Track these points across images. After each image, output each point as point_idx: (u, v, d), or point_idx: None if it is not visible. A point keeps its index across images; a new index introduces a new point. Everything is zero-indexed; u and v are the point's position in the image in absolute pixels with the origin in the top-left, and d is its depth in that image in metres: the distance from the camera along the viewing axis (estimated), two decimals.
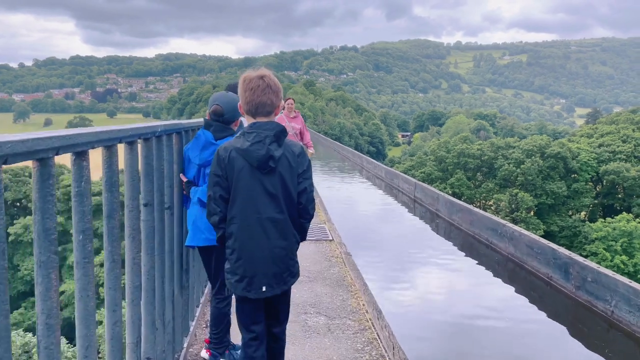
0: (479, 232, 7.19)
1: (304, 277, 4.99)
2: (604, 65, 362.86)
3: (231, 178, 2.24)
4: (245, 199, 2.23)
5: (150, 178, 2.28)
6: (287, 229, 2.30)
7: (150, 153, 2.28)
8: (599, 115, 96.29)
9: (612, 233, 38.34)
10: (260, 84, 2.27)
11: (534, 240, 5.61)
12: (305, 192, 2.34)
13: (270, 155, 2.19)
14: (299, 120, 8.56)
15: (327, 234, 7.16)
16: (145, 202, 2.24)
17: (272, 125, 2.26)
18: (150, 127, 2.21)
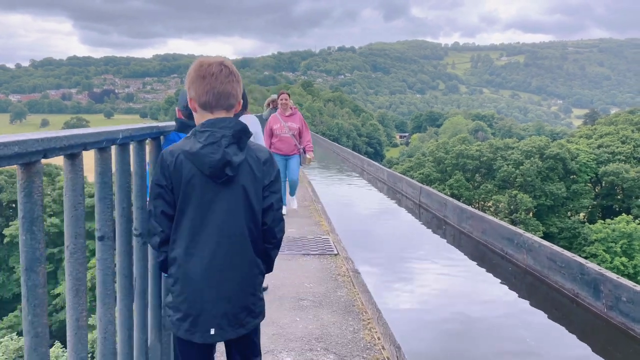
0: (492, 242, 6.82)
1: (309, 302, 4.43)
2: (601, 66, 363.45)
3: (177, 189, 1.77)
4: (193, 217, 1.76)
5: (107, 202, 1.63)
6: (246, 256, 1.82)
7: (106, 167, 1.62)
8: (596, 116, 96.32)
9: (611, 234, 38.24)
10: (222, 70, 1.82)
11: (556, 253, 5.24)
12: (272, 209, 1.88)
13: (227, 161, 1.72)
14: (296, 118, 7.58)
15: (332, 247, 6.36)
16: (101, 234, 1.61)
17: (230, 123, 1.77)
18: (107, 132, 1.58)
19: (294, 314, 4.05)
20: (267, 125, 7.54)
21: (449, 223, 8.52)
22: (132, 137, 1.85)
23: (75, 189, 1.41)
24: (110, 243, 1.64)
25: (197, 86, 1.81)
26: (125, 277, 1.81)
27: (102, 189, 1.61)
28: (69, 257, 1.40)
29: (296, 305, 4.25)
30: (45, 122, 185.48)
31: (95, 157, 1.59)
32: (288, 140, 7.45)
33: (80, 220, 1.41)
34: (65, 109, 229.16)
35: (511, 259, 6.29)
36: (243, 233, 1.80)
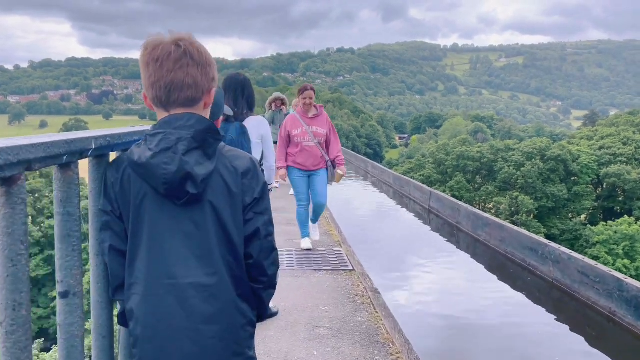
0: (512, 252, 6.40)
1: (325, 329, 3.82)
2: (600, 67, 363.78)
3: (127, 215, 1.32)
4: (149, 252, 1.31)
5: (71, 240, 1.19)
6: (226, 302, 1.34)
7: (71, 190, 1.18)
8: (595, 118, 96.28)
9: (613, 236, 38.18)
10: (172, 51, 1.31)
11: (589, 266, 4.82)
12: (258, 236, 1.39)
13: (186, 173, 1.25)
14: (323, 120, 5.81)
15: (346, 262, 5.69)
16: (65, 288, 1.17)
17: (190, 120, 1.30)
18: (75, 139, 1.13)
19: (310, 345, 3.54)
20: (283, 129, 5.82)
21: (463, 230, 8.10)
22: (114, 146, 1.39)
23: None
24: (77, 301, 1.17)
25: (143, 77, 1.36)
26: (103, 338, 1.37)
27: (65, 223, 1.16)
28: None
29: (312, 335, 3.73)
30: (44, 123, 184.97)
31: (54, 175, 1.15)
32: (313, 150, 5.70)
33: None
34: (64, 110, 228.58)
35: (535, 271, 5.88)
36: (219, 271, 1.32)
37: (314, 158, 5.72)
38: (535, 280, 5.85)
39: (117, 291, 1.38)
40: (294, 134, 5.71)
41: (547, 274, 5.65)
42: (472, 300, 5.62)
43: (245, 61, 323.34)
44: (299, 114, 5.79)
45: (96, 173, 1.33)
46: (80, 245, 1.19)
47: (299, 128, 5.71)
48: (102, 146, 1.24)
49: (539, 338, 4.75)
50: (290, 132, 5.73)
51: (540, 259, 5.77)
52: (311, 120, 5.73)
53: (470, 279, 6.36)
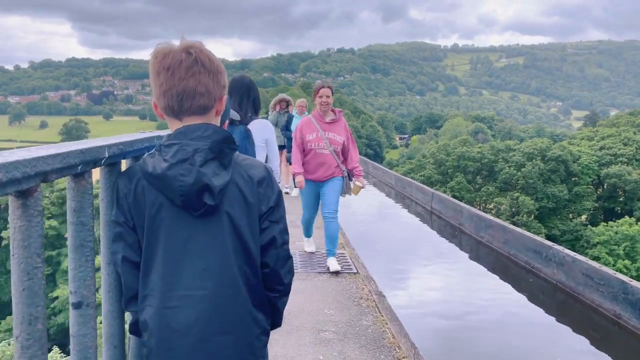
0: (515, 254, 6.38)
1: (331, 333, 3.77)
2: (600, 67, 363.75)
3: (141, 227, 1.31)
4: (164, 264, 1.29)
5: (84, 250, 1.16)
6: (242, 311, 1.34)
7: (84, 200, 1.15)
8: (596, 118, 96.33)
9: (614, 237, 38.17)
10: (183, 59, 1.29)
11: (593, 269, 4.81)
12: (274, 245, 1.40)
13: (204, 185, 1.24)
14: (341, 127, 5.22)
15: (350, 264, 5.59)
16: (78, 299, 1.14)
17: (207, 131, 1.28)
18: (89, 148, 1.11)
19: (316, 350, 3.51)
20: (298, 133, 5.21)
21: (465, 232, 8.09)
22: (129, 153, 1.38)
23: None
24: (91, 312, 1.16)
25: (154, 86, 1.34)
26: (115, 348, 1.35)
27: (78, 233, 1.14)
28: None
29: (317, 339, 3.69)
30: (45, 123, 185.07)
31: (68, 185, 1.14)
32: (326, 159, 5.11)
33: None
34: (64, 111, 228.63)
35: (539, 274, 5.86)
36: (235, 281, 1.31)
37: (326, 167, 5.11)
38: (539, 282, 5.84)
39: (130, 302, 1.36)
40: (308, 139, 5.12)
41: (551, 276, 5.63)
42: (474, 303, 5.61)
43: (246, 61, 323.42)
44: (315, 117, 5.15)
45: (108, 181, 1.32)
46: (93, 255, 1.17)
47: (313, 133, 5.11)
48: (115, 154, 1.23)
49: (543, 340, 4.74)
50: (305, 136, 5.14)
51: (544, 261, 5.75)
52: (328, 125, 5.11)
53: (473, 281, 6.34)
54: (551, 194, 45.01)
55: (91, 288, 1.16)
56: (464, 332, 5.01)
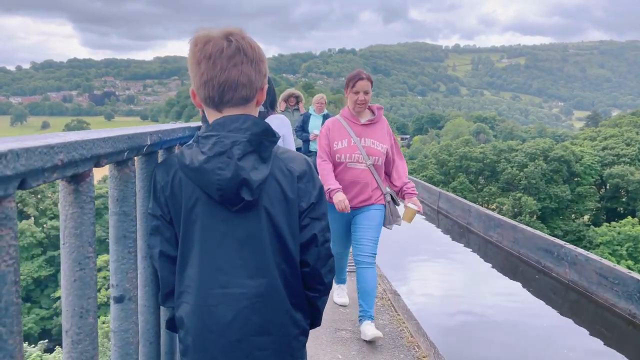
0: (526, 253, 6.33)
1: (348, 332, 3.70)
2: (602, 68, 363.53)
3: (178, 220, 1.25)
4: (200, 260, 1.23)
5: (127, 241, 1.10)
6: (280, 311, 1.28)
7: (127, 189, 1.10)
8: (598, 118, 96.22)
9: (617, 237, 38.03)
10: (225, 49, 1.21)
11: (607, 268, 4.76)
12: (315, 243, 1.32)
13: (242, 179, 1.18)
14: (382, 130, 3.67)
15: None
16: (120, 292, 1.09)
17: (245, 122, 1.22)
18: (134, 134, 1.06)
19: (334, 349, 3.46)
20: (322, 138, 3.69)
21: (474, 231, 8.03)
22: (170, 142, 1.34)
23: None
24: (133, 306, 1.10)
25: (193, 75, 1.26)
26: (150, 345, 1.30)
27: (120, 224, 1.08)
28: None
29: (335, 338, 3.64)
30: (46, 124, 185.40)
31: (110, 173, 1.08)
32: (364, 176, 3.57)
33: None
34: (66, 111, 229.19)
35: (550, 273, 5.80)
36: (273, 280, 1.26)
37: (361, 188, 3.55)
38: (551, 282, 5.78)
39: (167, 298, 1.31)
40: (337, 148, 3.59)
41: (563, 276, 5.57)
42: (485, 302, 5.55)
43: None
44: (345, 117, 3.65)
45: (145, 171, 1.27)
46: (136, 247, 1.11)
47: (343, 140, 3.59)
48: (155, 143, 1.17)
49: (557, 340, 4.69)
50: (333, 143, 3.61)
51: (555, 261, 5.69)
52: (364, 129, 3.58)
53: (482, 281, 6.29)
54: (554, 194, 44.95)
55: (134, 281, 1.10)
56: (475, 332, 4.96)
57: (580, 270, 5.21)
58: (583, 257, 5.21)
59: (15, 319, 0.63)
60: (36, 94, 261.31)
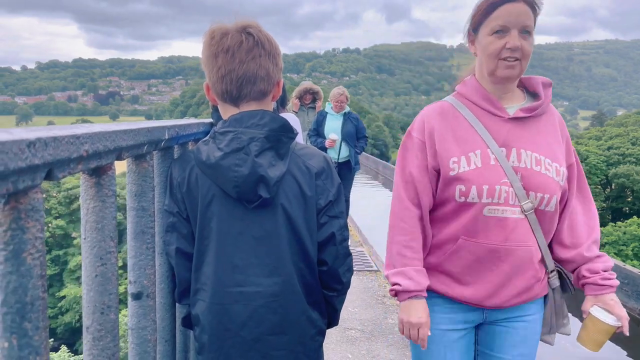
0: None
1: (357, 332, 3.65)
2: (608, 67, 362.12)
3: (194, 216, 1.22)
4: (216, 257, 1.21)
5: (145, 237, 1.07)
6: (297, 310, 1.25)
7: (145, 184, 1.07)
8: (603, 118, 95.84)
9: (622, 237, 37.79)
10: (243, 42, 1.19)
11: (617, 267, 4.73)
12: (333, 242, 1.28)
13: (259, 176, 1.15)
14: (553, 127, 1.55)
15: (370, 262, 5.47)
16: (139, 289, 1.06)
17: (263, 118, 1.19)
18: (154, 127, 1.03)
19: (344, 348, 3.43)
20: (407, 151, 1.56)
21: None
22: (185, 137, 1.31)
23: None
24: (151, 303, 1.08)
25: (209, 69, 1.23)
26: (166, 342, 1.27)
27: (139, 219, 1.06)
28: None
29: (344, 337, 3.61)
30: (51, 124, 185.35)
31: (128, 167, 1.06)
32: (520, 239, 1.43)
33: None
34: (71, 111, 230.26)
35: None
36: (289, 278, 1.23)
37: (515, 270, 1.46)
38: None
39: (184, 296, 1.29)
40: (459, 171, 1.46)
41: None
42: None
43: None
44: (470, 100, 1.55)
45: (162, 166, 1.25)
46: (154, 243, 1.09)
47: (474, 150, 1.48)
48: (172, 137, 1.15)
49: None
50: (442, 160, 1.49)
51: None
52: (518, 126, 1.50)
53: None
54: None
55: (152, 278, 1.08)
56: None
57: None
58: None
59: (42, 314, 0.62)
60: (41, 93, 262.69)
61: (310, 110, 6.22)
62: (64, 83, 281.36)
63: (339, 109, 5.71)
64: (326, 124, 5.68)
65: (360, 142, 5.73)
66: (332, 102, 5.73)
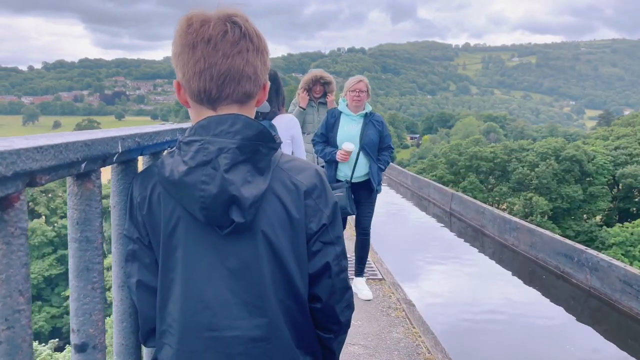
0: (544, 258, 6.06)
1: (360, 347, 3.41)
2: (615, 66, 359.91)
3: (157, 244, 1.02)
4: (185, 293, 0.99)
5: (90, 275, 0.89)
6: (281, 358, 1.03)
7: (90, 209, 0.89)
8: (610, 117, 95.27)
9: (630, 238, 37.46)
10: (227, 32, 0.99)
11: (632, 275, 4.49)
12: (328, 274, 1.07)
13: (231, 196, 0.94)
14: None
15: (375, 270, 5.18)
16: (82, 340, 0.86)
17: (235, 125, 0.97)
18: (96, 139, 0.84)
19: None
20: None
21: (488, 234, 7.75)
22: (138, 149, 1.11)
23: None
24: (99, 356, 0.88)
25: (184, 62, 1.01)
26: None
27: (82, 253, 0.85)
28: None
29: (346, 353, 3.38)
30: (58, 123, 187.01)
31: (69, 189, 0.85)
32: None
33: None
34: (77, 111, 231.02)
35: (570, 279, 5.54)
36: (274, 320, 1.01)
37: None
38: (570, 289, 5.53)
39: (149, 337, 1.07)
40: None
41: (584, 282, 5.32)
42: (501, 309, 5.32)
43: None
44: None
45: (121, 184, 1.04)
46: (102, 281, 0.88)
47: None
48: (131, 149, 0.95)
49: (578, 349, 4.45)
50: None
51: (575, 266, 5.43)
52: None
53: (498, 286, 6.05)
54: (565, 194, 44.40)
55: (100, 325, 0.88)
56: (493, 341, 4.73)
57: (602, 276, 4.95)
58: (605, 263, 4.95)
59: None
60: (48, 93, 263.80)
61: (321, 106, 5.01)
62: (70, 83, 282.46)
63: (356, 107, 4.21)
64: (339, 127, 4.21)
65: (383, 155, 4.28)
66: (347, 96, 4.23)
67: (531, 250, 6.44)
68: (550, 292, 5.67)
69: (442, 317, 5.16)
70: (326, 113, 4.39)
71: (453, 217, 9.47)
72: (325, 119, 4.27)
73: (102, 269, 0.90)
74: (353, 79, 4.32)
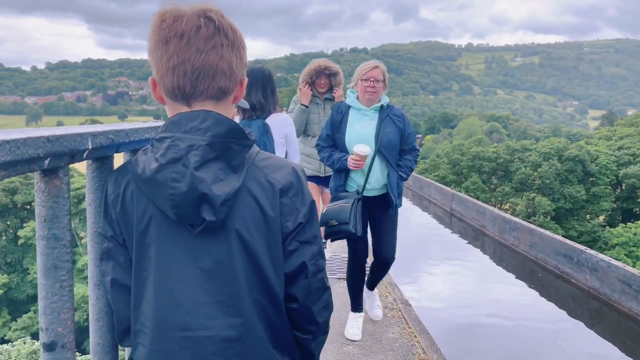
0: (543, 258, 6.04)
1: (355, 347, 3.37)
2: (618, 66, 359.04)
3: (130, 241, 1.01)
4: (158, 293, 0.99)
5: (59, 273, 0.87)
6: (256, 358, 1.01)
7: (58, 206, 0.87)
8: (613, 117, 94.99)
9: (633, 238, 37.36)
10: (202, 26, 0.98)
11: (632, 275, 4.48)
12: (304, 273, 1.07)
13: (201, 194, 0.93)
14: None
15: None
16: (50, 339, 0.85)
17: (205, 121, 0.96)
18: (62, 135, 0.82)
19: None
20: None
21: (488, 234, 7.73)
22: (109, 147, 1.10)
23: None
24: (68, 355, 0.87)
25: (157, 58, 1.01)
26: None
27: (50, 251, 0.84)
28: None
29: (341, 354, 3.36)
30: (61, 123, 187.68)
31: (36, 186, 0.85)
32: None
33: None
34: (80, 111, 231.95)
35: (569, 280, 5.52)
36: (249, 319, 0.99)
37: None
38: (570, 289, 5.51)
39: (125, 336, 1.06)
40: None
41: (583, 282, 5.30)
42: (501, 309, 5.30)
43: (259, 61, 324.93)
44: None
45: (96, 181, 1.03)
46: (72, 278, 0.87)
47: None
48: (103, 146, 0.94)
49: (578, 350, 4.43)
50: None
51: (575, 266, 5.42)
52: None
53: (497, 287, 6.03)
54: (568, 194, 44.34)
55: (68, 324, 0.87)
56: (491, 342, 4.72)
57: (602, 277, 4.94)
58: (605, 263, 4.94)
59: None
60: (51, 94, 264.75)
61: (327, 102, 4.46)
62: (73, 83, 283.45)
63: (369, 100, 3.37)
64: (347, 126, 3.38)
65: (406, 160, 3.39)
66: (359, 86, 3.40)
67: (531, 250, 6.43)
68: (550, 292, 5.65)
69: (441, 316, 5.14)
70: (332, 109, 3.57)
71: (453, 217, 9.46)
72: (330, 117, 3.48)
73: (71, 267, 0.89)
74: (366, 64, 3.43)
